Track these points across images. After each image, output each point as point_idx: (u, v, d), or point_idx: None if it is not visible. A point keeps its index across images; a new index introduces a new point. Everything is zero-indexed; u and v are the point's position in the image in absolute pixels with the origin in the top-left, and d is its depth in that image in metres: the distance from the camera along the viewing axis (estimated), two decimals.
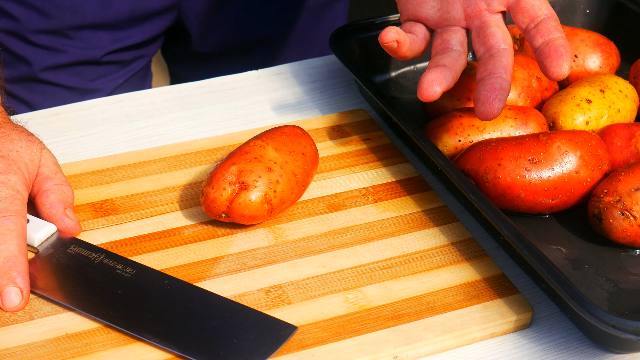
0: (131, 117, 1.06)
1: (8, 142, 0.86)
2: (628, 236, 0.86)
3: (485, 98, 0.85)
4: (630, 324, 0.73)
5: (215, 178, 0.86)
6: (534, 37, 0.87)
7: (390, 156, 0.99)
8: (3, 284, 0.78)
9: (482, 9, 0.90)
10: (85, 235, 0.87)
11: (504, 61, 0.87)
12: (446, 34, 0.92)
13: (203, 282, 0.82)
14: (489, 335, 0.80)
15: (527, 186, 0.88)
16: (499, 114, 0.85)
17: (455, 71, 0.89)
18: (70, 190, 0.87)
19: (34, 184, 0.87)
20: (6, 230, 0.80)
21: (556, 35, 0.86)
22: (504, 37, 0.89)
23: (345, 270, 0.84)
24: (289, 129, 0.92)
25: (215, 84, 1.13)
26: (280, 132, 0.91)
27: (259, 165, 0.86)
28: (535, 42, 0.87)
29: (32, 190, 0.86)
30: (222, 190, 0.85)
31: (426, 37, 0.93)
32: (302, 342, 0.77)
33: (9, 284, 0.78)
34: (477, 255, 0.86)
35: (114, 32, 1.22)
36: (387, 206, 0.92)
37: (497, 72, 0.86)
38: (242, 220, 0.86)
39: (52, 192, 0.86)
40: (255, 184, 0.85)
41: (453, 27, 0.92)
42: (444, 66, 0.88)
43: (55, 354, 0.75)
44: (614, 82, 1.00)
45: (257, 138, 0.90)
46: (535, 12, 0.88)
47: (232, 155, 0.88)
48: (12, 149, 0.86)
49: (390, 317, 0.79)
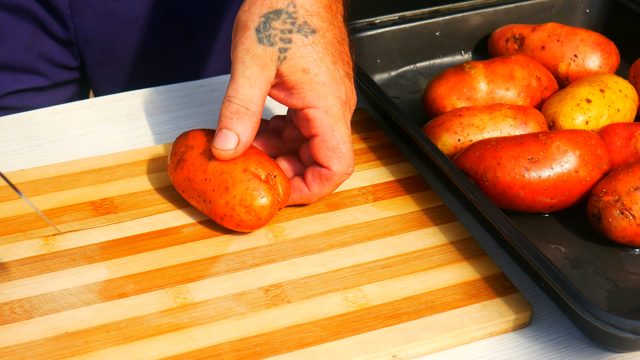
0: (131, 116, 1.06)
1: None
2: (627, 235, 0.86)
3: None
4: (629, 323, 0.73)
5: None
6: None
7: (390, 155, 0.99)
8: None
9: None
10: (84, 233, 0.87)
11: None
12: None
13: (202, 280, 0.83)
14: (488, 334, 0.80)
15: (527, 185, 0.88)
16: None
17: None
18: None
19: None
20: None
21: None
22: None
23: (344, 269, 0.84)
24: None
25: (215, 82, 1.13)
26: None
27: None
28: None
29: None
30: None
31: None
32: (302, 341, 0.77)
33: (232, 129, 0.85)
34: (476, 255, 0.86)
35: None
36: (387, 205, 0.92)
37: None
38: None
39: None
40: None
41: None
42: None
43: (55, 352, 0.75)
44: (614, 82, 1.00)
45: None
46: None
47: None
48: None
49: (390, 316, 0.79)
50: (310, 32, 0.86)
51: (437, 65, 1.16)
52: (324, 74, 0.86)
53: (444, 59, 1.17)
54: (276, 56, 0.85)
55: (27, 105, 1.21)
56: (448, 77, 1.02)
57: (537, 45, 1.09)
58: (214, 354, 0.76)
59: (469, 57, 1.18)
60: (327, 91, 0.86)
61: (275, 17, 0.85)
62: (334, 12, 0.90)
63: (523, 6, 1.19)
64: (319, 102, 0.86)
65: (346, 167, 0.88)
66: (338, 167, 0.88)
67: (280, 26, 0.85)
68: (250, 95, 0.85)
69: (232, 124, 0.85)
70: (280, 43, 0.85)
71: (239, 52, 0.86)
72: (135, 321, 0.78)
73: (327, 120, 0.87)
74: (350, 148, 0.88)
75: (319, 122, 0.87)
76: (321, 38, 0.86)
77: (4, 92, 1.21)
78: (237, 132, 0.85)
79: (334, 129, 0.87)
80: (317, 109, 0.87)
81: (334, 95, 0.87)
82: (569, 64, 1.07)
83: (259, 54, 0.85)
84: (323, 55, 0.86)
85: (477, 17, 1.17)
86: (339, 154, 0.88)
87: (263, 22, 0.85)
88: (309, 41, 0.86)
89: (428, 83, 1.04)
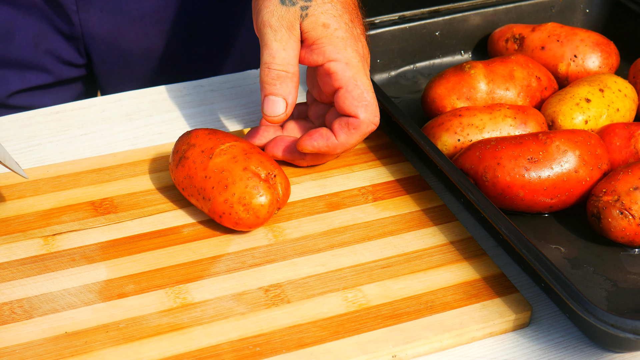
0: (131, 116, 1.06)
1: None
2: (627, 235, 0.86)
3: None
4: (629, 323, 0.73)
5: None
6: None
7: (390, 155, 0.99)
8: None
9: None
10: (84, 233, 0.87)
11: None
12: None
13: (202, 280, 0.83)
14: (487, 335, 0.80)
15: (526, 185, 0.88)
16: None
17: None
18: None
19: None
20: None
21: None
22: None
23: (344, 269, 0.84)
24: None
25: (215, 82, 1.13)
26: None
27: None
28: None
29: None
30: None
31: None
32: (301, 341, 0.77)
33: (277, 94, 0.89)
34: (476, 255, 0.86)
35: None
36: (387, 205, 0.92)
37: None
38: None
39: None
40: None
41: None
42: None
43: (55, 352, 0.75)
44: (614, 82, 1.00)
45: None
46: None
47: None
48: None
49: (389, 316, 0.79)
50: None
51: (437, 65, 1.16)
52: (342, 29, 0.90)
53: (444, 59, 1.17)
54: (298, 14, 0.89)
55: (34, 104, 1.21)
56: (448, 77, 1.02)
57: (536, 45, 1.09)
58: (214, 354, 0.76)
59: (468, 57, 1.18)
60: (346, 44, 0.90)
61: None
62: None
63: (523, 6, 1.19)
64: (339, 55, 0.90)
65: (372, 116, 0.91)
66: (365, 114, 0.90)
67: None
68: (287, 58, 0.89)
69: (276, 89, 0.89)
70: (301, 1, 0.89)
71: (264, 15, 0.90)
72: (135, 321, 0.78)
73: (349, 71, 0.90)
74: (374, 97, 0.91)
75: (341, 74, 0.90)
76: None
77: (11, 91, 1.22)
78: (283, 96, 0.88)
79: (356, 79, 0.90)
80: (337, 62, 0.90)
81: (353, 48, 0.90)
82: (568, 64, 1.07)
83: (283, 15, 0.89)
84: (342, 12, 0.90)
85: (476, 17, 1.17)
86: (364, 102, 0.90)
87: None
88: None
89: (428, 83, 1.04)
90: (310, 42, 0.90)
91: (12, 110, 1.21)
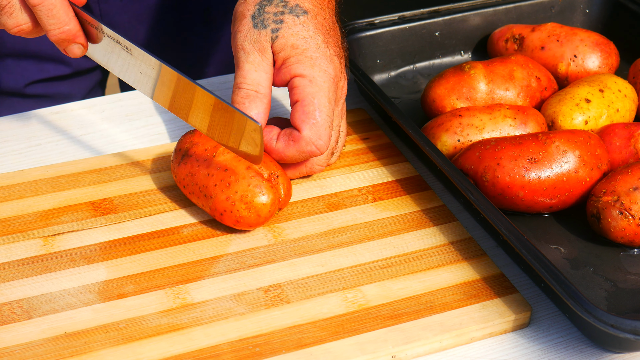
0: (131, 116, 1.06)
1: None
2: (627, 235, 0.86)
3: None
4: (628, 324, 0.73)
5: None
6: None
7: (390, 155, 0.99)
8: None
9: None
10: (84, 234, 0.87)
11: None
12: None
13: (202, 281, 0.82)
14: (487, 335, 0.80)
15: (526, 185, 0.88)
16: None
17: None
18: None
19: None
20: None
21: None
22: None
23: (344, 269, 0.84)
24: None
25: (214, 82, 1.13)
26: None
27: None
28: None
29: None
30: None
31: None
32: (301, 341, 0.77)
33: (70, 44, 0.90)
34: (475, 255, 0.86)
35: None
36: (386, 205, 0.92)
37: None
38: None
39: None
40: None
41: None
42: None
43: (54, 352, 0.75)
44: (613, 82, 1.00)
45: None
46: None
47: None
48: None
49: (389, 316, 0.79)
50: (301, 12, 0.90)
51: (436, 66, 1.16)
52: (312, 49, 0.89)
53: (444, 59, 1.17)
54: (269, 36, 0.89)
55: (50, 93, 1.24)
56: (448, 78, 1.02)
57: (536, 45, 1.09)
58: (214, 354, 0.76)
59: (468, 57, 1.18)
60: (314, 63, 0.89)
61: (268, 3, 0.90)
62: (324, 3, 0.93)
63: (523, 6, 1.19)
64: (305, 71, 0.89)
65: (316, 137, 0.88)
66: (308, 132, 0.88)
67: (273, 9, 0.90)
68: (257, 79, 0.89)
69: (244, 107, 0.89)
70: (273, 24, 0.89)
71: (238, 39, 0.90)
72: (134, 321, 0.78)
73: (310, 87, 0.89)
74: (326, 121, 0.89)
75: (302, 89, 0.89)
76: (312, 19, 0.90)
77: (29, 81, 1.24)
78: (250, 115, 0.87)
79: (314, 97, 0.89)
80: (302, 77, 0.89)
81: (321, 68, 0.89)
82: (568, 64, 1.07)
83: (255, 38, 0.89)
84: (314, 33, 0.90)
85: (476, 17, 1.17)
86: (313, 120, 0.88)
87: (258, 9, 0.90)
88: (300, 20, 0.89)
89: (428, 83, 1.04)
90: (280, 63, 0.90)
91: (28, 98, 1.22)
